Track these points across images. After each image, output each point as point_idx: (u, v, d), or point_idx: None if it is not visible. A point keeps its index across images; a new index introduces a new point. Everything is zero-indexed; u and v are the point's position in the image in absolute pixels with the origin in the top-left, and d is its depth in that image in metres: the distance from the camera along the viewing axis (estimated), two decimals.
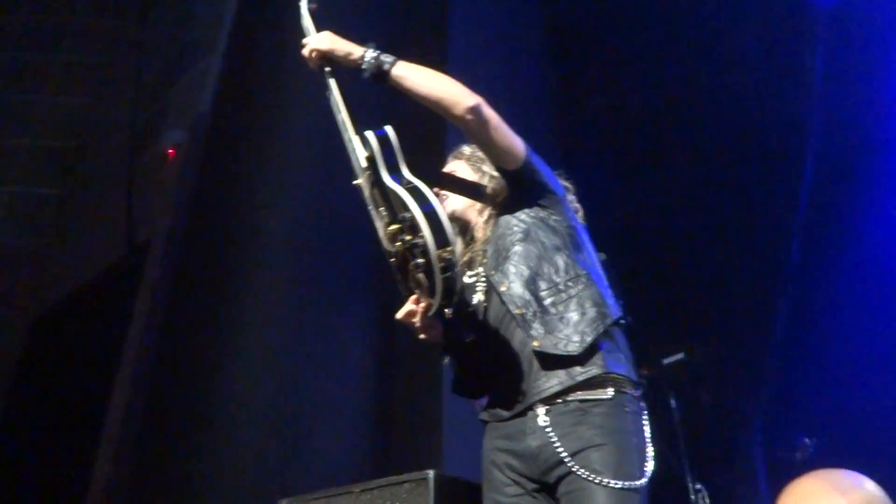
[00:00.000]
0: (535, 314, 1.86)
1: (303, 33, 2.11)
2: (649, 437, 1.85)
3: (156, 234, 5.89)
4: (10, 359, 7.11)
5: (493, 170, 2.10)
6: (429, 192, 1.77)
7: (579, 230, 2.04)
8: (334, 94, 1.97)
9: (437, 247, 1.68)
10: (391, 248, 1.80)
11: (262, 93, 4.94)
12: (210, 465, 3.68)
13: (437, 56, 4.47)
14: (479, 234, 2.11)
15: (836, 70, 4.38)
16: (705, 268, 4.46)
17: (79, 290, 6.76)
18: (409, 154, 1.89)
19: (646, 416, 1.88)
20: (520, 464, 1.84)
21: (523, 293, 1.89)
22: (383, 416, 3.94)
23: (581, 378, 1.80)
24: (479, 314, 1.99)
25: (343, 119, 1.94)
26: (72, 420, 5.82)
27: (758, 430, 4.08)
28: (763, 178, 4.49)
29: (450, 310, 1.77)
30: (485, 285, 2.00)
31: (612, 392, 1.81)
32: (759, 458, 4.05)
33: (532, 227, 1.97)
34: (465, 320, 1.94)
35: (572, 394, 1.81)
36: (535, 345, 1.83)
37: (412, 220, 1.70)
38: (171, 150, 6.46)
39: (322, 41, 2.00)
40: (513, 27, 5.48)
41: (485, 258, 2.03)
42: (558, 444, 1.77)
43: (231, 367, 3.92)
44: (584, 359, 1.82)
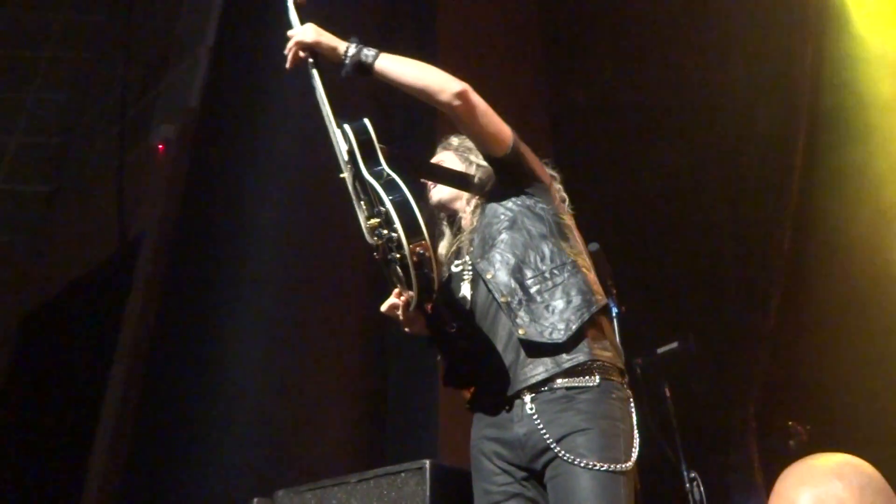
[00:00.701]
0: (520, 302, 1.86)
1: (288, 27, 2.09)
2: (636, 423, 1.85)
3: (147, 230, 5.87)
4: (2, 356, 7.08)
5: (480, 160, 2.09)
6: (404, 185, 1.76)
7: (565, 217, 2.03)
8: (318, 88, 1.96)
9: (410, 241, 1.67)
10: (371, 241, 1.81)
11: (250, 87, 4.91)
12: (205, 457, 3.67)
13: (426, 49, 4.46)
14: (465, 223, 2.11)
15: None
16: (698, 257, 4.47)
17: (70, 287, 6.73)
18: (399, 140, 1.87)
19: (632, 403, 1.89)
20: (508, 452, 1.84)
21: (509, 281, 1.88)
22: (379, 406, 3.94)
23: (567, 365, 1.80)
24: (467, 303, 1.99)
25: (327, 112, 1.93)
26: (65, 417, 5.80)
27: (751, 419, 4.10)
28: (754, 168, 4.50)
29: (429, 304, 1.76)
30: (471, 274, 2.00)
31: (598, 379, 1.81)
32: (753, 446, 4.06)
33: (518, 215, 1.97)
34: (450, 311, 1.93)
35: (558, 380, 1.80)
36: (521, 333, 1.82)
37: (387, 214, 1.70)
38: (160, 146, 6.44)
39: (306, 34, 1.98)
40: (503, 19, 5.47)
41: (471, 247, 2.03)
42: (544, 430, 1.77)
43: (224, 360, 3.91)
44: (569, 346, 1.81)
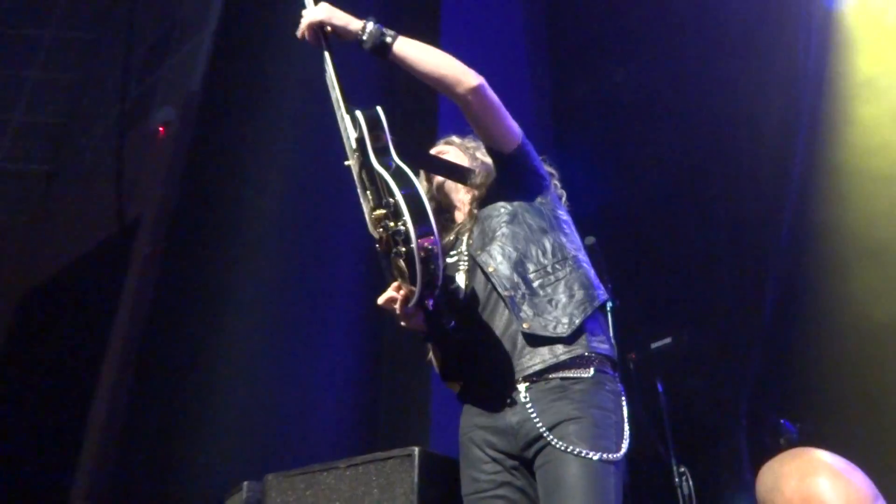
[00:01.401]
0: (523, 296, 1.87)
1: (298, 7, 2.08)
2: (627, 417, 1.87)
3: (146, 212, 5.87)
4: None
5: (484, 156, 2.10)
6: (414, 178, 1.75)
7: (564, 214, 2.05)
8: (329, 70, 1.93)
9: (419, 235, 1.65)
10: (375, 233, 1.79)
11: (252, 71, 4.91)
12: (198, 442, 3.69)
13: (429, 40, 4.44)
14: (460, 214, 2.11)
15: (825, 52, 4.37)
16: (694, 253, 4.47)
17: (68, 267, 6.74)
18: (402, 128, 1.87)
19: (624, 397, 1.90)
20: (499, 440, 1.86)
21: (511, 275, 1.89)
22: (372, 394, 3.96)
23: (564, 357, 1.82)
24: (462, 294, 2.00)
25: (336, 96, 1.91)
26: (60, 395, 5.82)
27: (743, 416, 4.11)
28: (753, 164, 4.49)
29: (431, 300, 1.76)
30: (467, 265, 2.00)
31: (592, 371, 1.84)
32: (744, 443, 4.08)
33: (519, 210, 1.98)
34: (447, 304, 1.93)
35: (554, 372, 1.83)
36: (525, 326, 1.84)
37: (395, 206, 1.69)
38: (161, 128, 6.43)
39: (319, 12, 1.97)
40: (506, 11, 5.45)
41: (470, 238, 2.03)
42: (537, 418, 1.79)
43: (219, 345, 3.92)
44: (570, 340, 1.83)
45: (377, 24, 1.93)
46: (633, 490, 2.25)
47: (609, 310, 3.01)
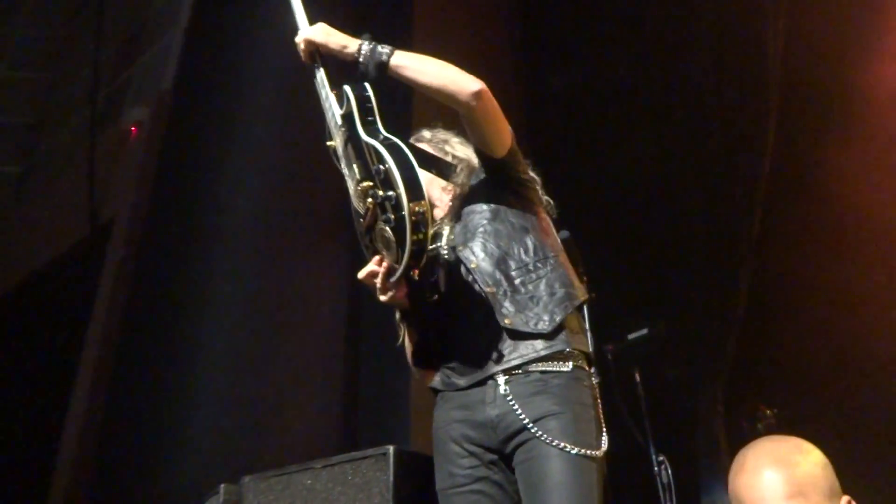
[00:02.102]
0: (505, 293, 1.88)
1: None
2: (602, 413, 1.89)
3: (119, 213, 5.81)
4: None
5: (456, 151, 2.11)
6: (405, 147, 1.77)
7: (546, 217, 2.07)
8: (320, 75, 1.93)
9: (410, 199, 1.66)
10: (361, 206, 1.80)
11: (224, 68, 4.87)
12: (174, 443, 3.66)
13: (401, 31, 4.44)
14: (443, 212, 2.12)
15: (797, 43, 4.42)
16: (668, 244, 4.50)
17: (40, 270, 6.65)
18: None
19: (598, 391, 1.93)
20: (477, 434, 1.86)
21: (494, 272, 1.91)
22: (350, 392, 3.95)
23: (545, 352, 1.84)
24: (441, 287, 1.99)
25: (321, 78, 1.92)
26: (34, 402, 5.75)
27: (720, 403, 4.16)
28: (724, 154, 4.53)
29: (416, 270, 1.77)
30: (448, 259, 2.01)
31: (571, 365, 1.85)
32: (721, 430, 4.13)
33: (501, 208, 1.99)
34: (430, 282, 1.95)
35: (533, 365, 1.84)
36: (507, 322, 1.85)
37: (387, 173, 1.69)
38: (133, 128, 6.36)
39: (316, 34, 1.95)
40: (479, 4, 5.45)
41: (451, 234, 2.04)
42: (520, 411, 1.79)
43: (195, 346, 3.89)
44: (550, 336, 1.86)
45: (371, 43, 1.91)
46: (612, 480, 2.27)
47: (585, 307, 3.05)
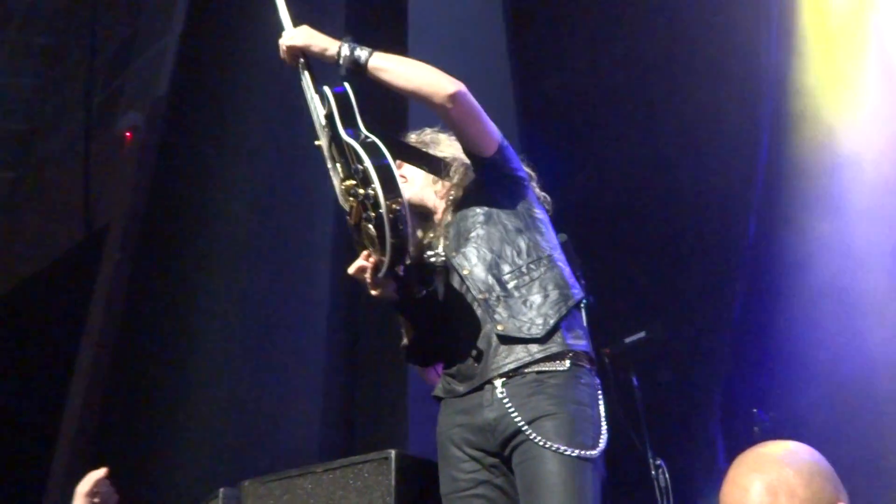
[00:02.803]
0: (498, 299, 1.88)
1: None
2: (604, 412, 1.88)
3: (114, 219, 5.79)
4: None
5: (444, 150, 2.12)
6: (382, 146, 1.80)
7: (541, 214, 2.06)
8: (305, 78, 1.97)
9: (387, 197, 1.70)
10: (346, 204, 1.83)
11: (219, 74, 4.87)
12: (172, 448, 3.65)
13: (395, 32, 4.44)
14: (438, 217, 2.12)
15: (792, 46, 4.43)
16: (664, 246, 4.49)
17: (35, 277, 6.63)
18: (371, 123, 1.90)
19: (601, 392, 1.92)
20: (477, 438, 1.87)
21: (486, 277, 1.90)
22: (348, 396, 3.94)
23: (540, 355, 1.84)
24: (439, 295, 2.00)
25: (307, 81, 1.95)
26: (29, 407, 5.72)
27: (717, 406, 4.16)
28: (720, 157, 4.53)
29: (401, 266, 1.80)
30: (444, 266, 2.01)
31: (568, 364, 1.85)
32: (718, 434, 4.13)
33: (494, 210, 1.99)
34: (417, 274, 1.97)
35: (530, 367, 1.84)
36: (500, 329, 1.85)
37: (364, 172, 1.73)
38: (128, 133, 6.34)
39: (298, 37, 1.98)
40: (473, 6, 5.45)
41: (446, 240, 2.04)
42: (515, 413, 1.79)
43: (192, 351, 3.88)
44: (544, 339, 1.85)
45: (351, 45, 1.94)
46: (610, 484, 2.27)
47: (583, 306, 3.05)
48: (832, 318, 4.00)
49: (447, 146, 2.14)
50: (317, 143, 1.95)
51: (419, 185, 2.16)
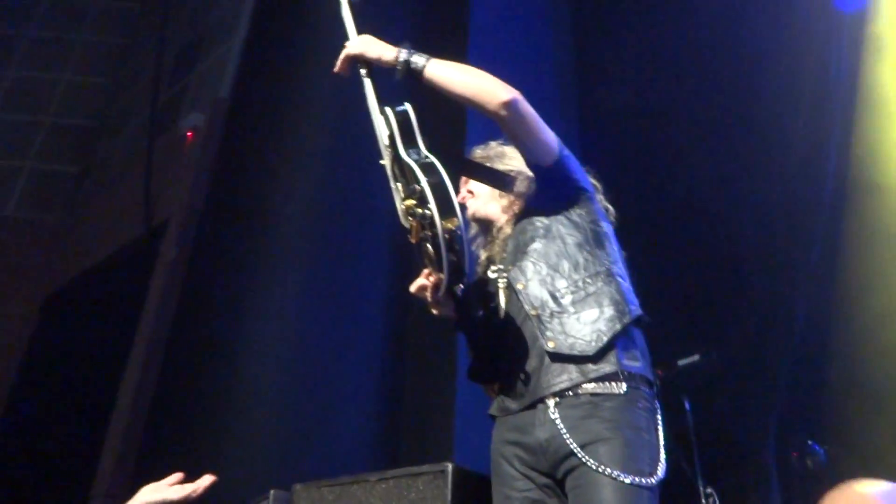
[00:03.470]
0: (551, 314, 1.84)
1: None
2: (663, 437, 1.82)
3: (173, 216, 5.91)
4: (24, 333, 7.16)
5: (511, 162, 2.09)
6: (440, 166, 1.80)
7: (604, 226, 2.01)
8: (367, 87, 2.00)
9: (443, 217, 1.70)
10: (406, 223, 1.84)
11: (281, 79, 4.93)
12: (221, 449, 3.68)
13: (456, 48, 4.44)
14: (501, 231, 2.09)
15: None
16: (724, 269, 4.39)
17: (94, 269, 6.79)
18: (430, 134, 1.90)
19: (660, 416, 1.85)
20: (529, 457, 1.83)
21: (540, 293, 1.87)
22: (395, 404, 3.93)
23: (593, 375, 1.79)
24: (501, 311, 1.97)
25: (373, 103, 1.97)
26: (82, 398, 5.84)
27: (771, 437, 4.03)
28: (785, 181, 4.42)
29: (459, 286, 1.79)
30: (505, 281, 1.98)
31: (625, 387, 1.79)
32: (772, 465, 3.99)
33: (554, 223, 1.96)
34: (478, 295, 1.96)
35: (583, 387, 1.79)
36: (551, 346, 1.81)
37: (421, 192, 1.74)
38: (189, 133, 6.48)
39: (354, 45, 1.99)
40: (535, 20, 5.43)
41: (505, 253, 2.01)
42: (567, 435, 1.75)
43: (244, 352, 3.91)
44: (598, 357, 1.80)
45: (408, 52, 1.95)
46: None
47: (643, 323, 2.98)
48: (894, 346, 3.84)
49: (512, 159, 2.12)
50: (381, 161, 1.96)
51: (484, 200, 2.14)
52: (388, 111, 1.91)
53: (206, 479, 1.80)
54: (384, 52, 1.96)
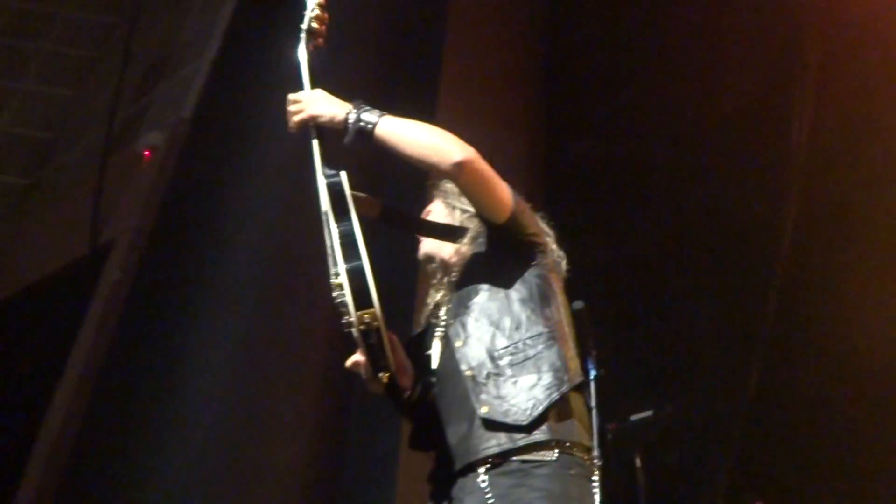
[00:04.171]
0: (487, 376, 1.74)
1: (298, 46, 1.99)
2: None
3: (119, 237, 5.73)
4: None
5: (467, 205, 2.01)
6: (363, 247, 1.68)
7: (552, 281, 1.94)
8: (315, 151, 1.86)
9: (357, 308, 1.62)
10: (334, 301, 1.74)
11: (246, 104, 4.85)
12: (148, 485, 3.49)
13: (427, 103, 4.36)
14: (451, 273, 2.01)
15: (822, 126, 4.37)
16: (680, 324, 4.38)
17: (35, 284, 6.57)
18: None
19: (595, 481, 1.77)
20: None
21: (478, 352, 1.77)
22: (337, 451, 3.77)
23: (522, 443, 1.68)
24: (434, 361, 1.87)
25: (318, 168, 1.83)
26: (9, 415, 5.58)
27: (720, 496, 3.98)
28: (740, 235, 4.45)
29: (385, 375, 1.68)
30: (443, 331, 1.89)
31: (556, 453, 1.68)
32: None
33: (500, 277, 1.86)
34: (420, 367, 1.86)
35: (514, 455, 1.69)
36: (484, 410, 1.70)
37: (339, 277, 1.65)
38: (147, 152, 6.33)
39: (306, 107, 1.88)
40: (504, 68, 5.44)
41: (448, 304, 1.93)
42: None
43: (180, 381, 3.75)
44: (530, 427, 1.69)
45: (358, 111, 1.83)
46: None
47: (593, 378, 2.89)
48: (849, 410, 3.84)
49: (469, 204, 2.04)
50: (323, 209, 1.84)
51: (432, 245, 2.05)
52: (321, 184, 1.79)
53: None
54: (336, 112, 1.86)
